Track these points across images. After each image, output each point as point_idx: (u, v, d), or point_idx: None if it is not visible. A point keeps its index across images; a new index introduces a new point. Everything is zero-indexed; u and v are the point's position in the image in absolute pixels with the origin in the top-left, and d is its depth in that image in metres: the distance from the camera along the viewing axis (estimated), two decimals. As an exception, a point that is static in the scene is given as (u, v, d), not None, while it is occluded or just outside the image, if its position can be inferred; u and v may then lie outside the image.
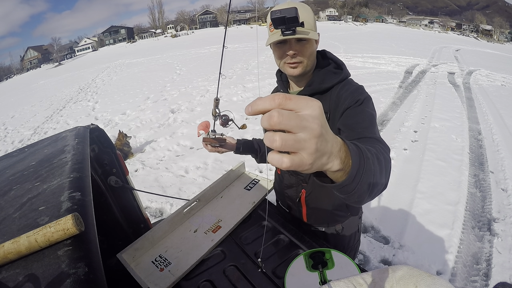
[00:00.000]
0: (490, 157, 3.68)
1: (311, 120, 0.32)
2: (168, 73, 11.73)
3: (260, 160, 1.27)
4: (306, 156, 0.32)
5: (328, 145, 0.36)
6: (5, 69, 60.13)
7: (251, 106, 0.32)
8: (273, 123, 0.30)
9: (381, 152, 0.58)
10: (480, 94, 6.81)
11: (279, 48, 0.88)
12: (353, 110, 0.81)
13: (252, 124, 4.93)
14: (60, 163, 0.77)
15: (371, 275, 0.50)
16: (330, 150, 0.36)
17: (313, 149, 0.32)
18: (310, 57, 0.89)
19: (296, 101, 0.31)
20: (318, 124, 0.32)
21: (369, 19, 66.05)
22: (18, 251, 0.43)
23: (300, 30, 0.80)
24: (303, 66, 0.89)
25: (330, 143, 0.37)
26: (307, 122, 0.31)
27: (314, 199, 1.05)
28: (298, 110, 0.32)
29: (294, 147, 0.31)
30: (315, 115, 0.32)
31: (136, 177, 3.55)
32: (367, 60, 10.82)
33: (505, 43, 42.72)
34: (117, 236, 1.27)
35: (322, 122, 0.33)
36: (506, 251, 2.14)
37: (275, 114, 0.30)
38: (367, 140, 0.71)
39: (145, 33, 67.58)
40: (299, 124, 0.31)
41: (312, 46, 0.88)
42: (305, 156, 0.32)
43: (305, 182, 1.04)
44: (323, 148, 0.34)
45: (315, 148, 0.33)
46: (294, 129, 0.31)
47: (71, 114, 7.70)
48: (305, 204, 1.08)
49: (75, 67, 25.36)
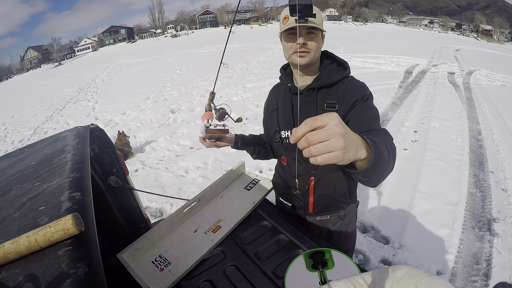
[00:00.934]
0: (490, 157, 3.68)
1: (334, 127, 0.45)
2: (168, 73, 11.73)
3: (257, 155, 1.28)
4: (339, 151, 0.45)
5: (353, 140, 0.49)
6: (5, 69, 60.09)
7: (293, 135, 0.47)
8: (310, 142, 0.45)
9: (388, 142, 0.70)
10: (480, 94, 6.81)
11: (290, 38, 0.95)
12: (362, 105, 0.93)
13: (252, 124, 4.93)
14: (60, 163, 0.77)
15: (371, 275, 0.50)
16: (356, 144, 0.50)
17: (342, 145, 0.45)
18: (317, 50, 0.96)
19: (320, 119, 0.45)
20: (341, 127, 0.45)
21: (369, 19, 66.04)
22: (18, 251, 0.43)
23: (312, 20, 0.88)
24: (310, 57, 0.95)
25: (354, 138, 0.51)
26: (331, 130, 0.45)
27: (321, 186, 1.09)
28: (324, 124, 0.45)
29: (327, 149, 0.45)
30: (336, 123, 0.45)
31: (136, 177, 3.55)
32: (367, 60, 10.82)
33: (505, 43, 42.71)
34: (117, 236, 1.27)
35: (343, 125, 0.46)
36: (506, 251, 2.14)
37: (309, 137, 0.45)
38: (375, 132, 0.83)
39: (145, 33, 67.56)
40: (326, 134, 0.44)
41: (319, 40, 0.95)
42: (338, 151, 0.45)
43: (314, 170, 1.06)
44: (350, 143, 0.47)
45: (344, 145, 0.45)
46: (323, 139, 0.45)
47: (71, 114, 7.70)
48: (313, 192, 1.10)
49: (75, 67, 25.37)
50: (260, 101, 6.18)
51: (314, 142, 0.45)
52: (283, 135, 1.10)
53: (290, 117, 1.07)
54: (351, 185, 1.12)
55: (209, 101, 1.07)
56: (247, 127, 4.82)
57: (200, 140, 1.07)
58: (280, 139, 1.12)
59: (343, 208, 1.15)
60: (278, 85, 1.18)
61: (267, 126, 1.24)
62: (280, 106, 1.12)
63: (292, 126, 1.06)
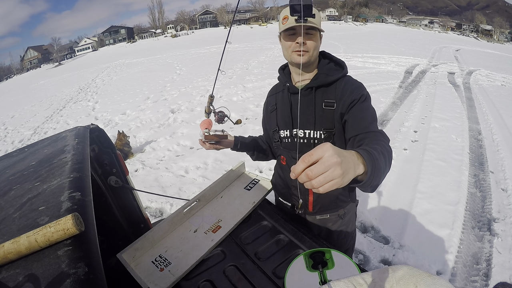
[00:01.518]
0: (490, 157, 3.68)
1: (330, 158, 0.48)
2: (168, 73, 11.73)
3: (256, 157, 1.31)
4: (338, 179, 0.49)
5: (350, 163, 0.52)
6: (5, 69, 60.07)
7: (293, 172, 0.50)
8: (310, 177, 0.48)
9: (385, 147, 0.73)
10: (480, 94, 6.81)
11: (289, 37, 0.97)
12: (360, 106, 0.94)
13: (252, 124, 4.93)
14: (60, 163, 0.77)
15: (371, 275, 0.50)
16: (353, 164, 0.54)
17: (340, 173, 0.48)
18: (315, 49, 0.98)
19: (315, 153, 0.49)
20: (336, 157, 0.48)
21: (369, 19, 66.00)
22: (18, 251, 0.43)
23: (311, 20, 0.91)
24: (309, 56, 0.97)
25: (350, 160, 0.53)
26: (328, 161, 0.48)
27: None
28: (319, 157, 0.48)
29: (326, 180, 0.48)
30: (331, 153, 0.48)
31: (136, 177, 3.55)
32: (367, 60, 10.82)
33: (505, 43, 42.70)
34: (117, 236, 1.27)
35: (337, 153, 0.49)
36: (506, 251, 2.14)
37: (308, 172, 0.48)
38: (373, 134, 0.85)
39: (145, 33, 67.54)
40: (324, 167, 0.48)
41: (318, 40, 0.98)
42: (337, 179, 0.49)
43: None
44: (347, 167, 0.51)
45: (342, 172, 0.49)
46: (321, 172, 0.48)
47: (71, 114, 7.70)
48: (313, 191, 1.09)
49: (75, 67, 25.37)
50: (260, 101, 6.18)
51: (314, 176, 0.48)
52: (282, 135, 1.11)
53: (289, 117, 1.07)
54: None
55: (208, 104, 1.08)
56: (247, 127, 4.81)
57: (200, 143, 1.10)
58: (279, 138, 1.13)
59: (342, 207, 1.15)
60: (276, 86, 1.20)
61: (266, 127, 1.25)
62: (279, 106, 1.13)
63: (291, 125, 1.07)
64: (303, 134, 1.04)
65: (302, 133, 1.04)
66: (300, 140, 1.06)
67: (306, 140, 1.04)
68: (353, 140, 0.90)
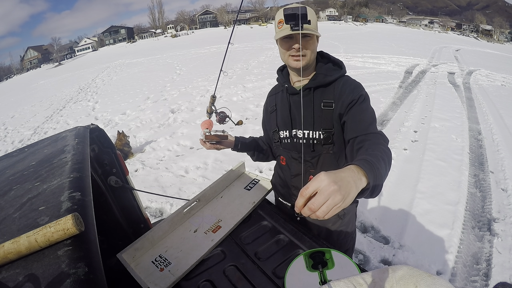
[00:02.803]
0: (490, 157, 3.68)
1: (327, 188, 0.50)
2: (168, 73, 11.73)
3: (257, 158, 1.31)
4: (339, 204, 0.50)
5: (349, 183, 0.53)
6: (5, 69, 60.07)
7: (296, 207, 0.52)
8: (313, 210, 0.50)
9: (384, 151, 0.73)
10: (480, 94, 6.81)
11: (286, 42, 0.96)
12: (359, 107, 0.94)
13: (252, 124, 4.93)
14: (60, 163, 0.77)
15: (371, 275, 0.50)
16: (353, 181, 0.54)
17: (340, 198, 0.50)
18: (312, 53, 0.98)
19: (311, 186, 0.51)
20: (333, 185, 0.50)
21: (369, 19, 66.00)
22: (18, 251, 0.43)
23: (306, 27, 0.89)
24: (306, 60, 0.97)
25: (350, 178, 0.54)
26: (326, 191, 0.49)
27: None
28: (316, 188, 0.50)
29: (329, 208, 0.50)
30: (326, 183, 0.50)
31: (136, 177, 3.55)
32: (367, 60, 10.82)
33: (505, 43, 42.70)
34: (117, 236, 1.27)
35: (333, 180, 0.51)
36: (506, 251, 2.14)
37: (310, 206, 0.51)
38: (372, 135, 0.85)
39: (145, 33, 67.51)
40: (323, 197, 0.50)
41: (314, 43, 0.98)
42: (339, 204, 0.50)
43: (313, 168, 1.07)
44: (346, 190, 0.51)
45: (342, 197, 0.50)
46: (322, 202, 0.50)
47: (71, 114, 7.70)
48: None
49: (75, 67, 25.36)
50: (260, 101, 6.18)
51: (317, 208, 0.50)
52: (282, 135, 1.11)
53: (288, 117, 1.08)
54: None
55: (210, 104, 1.08)
56: (247, 127, 4.81)
57: (201, 143, 1.10)
58: (279, 139, 1.13)
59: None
60: (276, 87, 1.20)
61: (266, 128, 1.25)
62: (278, 107, 1.13)
63: (290, 126, 1.07)
64: (302, 135, 1.04)
65: (301, 133, 1.04)
66: (299, 141, 1.06)
67: (306, 140, 1.04)
68: (353, 142, 0.90)
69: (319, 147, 1.03)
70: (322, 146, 1.02)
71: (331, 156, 1.04)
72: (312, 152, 1.04)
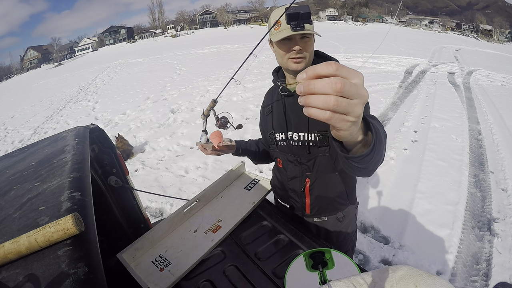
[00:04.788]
0: (490, 157, 3.68)
1: (362, 88, 0.36)
2: (168, 73, 11.73)
3: (258, 161, 1.30)
4: (352, 118, 0.38)
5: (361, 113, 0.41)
6: (5, 69, 60.08)
7: (307, 72, 0.36)
8: (337, 89, 0.34)
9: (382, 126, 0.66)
10: (480, 94, 6.81)
11: (285, 44, 0.93)
12: None
13: (252, 124, 4.93)
14: (60, 163, 0.77)
15: (371, 275, 0.50)
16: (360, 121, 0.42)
17: (359, 113, 0.37)
18: (311, 54, 0.97)
19: (348, 70, 0.36)
20: (367, 92, 0.37)
21: (369, 19, 66.00)
22: (18, 251, 0.43)
23: (307, 27, 0.87)
24: (306, 62, 0.95)
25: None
26: (360, 90, 0.36)
27: (317, 188, 1.08)
28: (349, 78, 0.36)
29: (346, 109, 0.36)
30: (362, 83, 0.37)
31: (136, 177, 3.55)
32: (367, 60, 10.81)
33: (505, 43, 42.69)
34: (117, 236, 1.27)
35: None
36: (506, 251, 2.14)
37: (339, 82, 0.34)
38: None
39: (145, 33, 67.47)
40: (356, 91, 0.35)
41: (313, 44, 0.96)
42: (352, 118, 0.38)
43: (309, 171, 1.06)
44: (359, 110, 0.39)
45: (360, 112, 0.38)
46: (352, 96, 0.35)
47: (71, 114, 7.70)
48: (309, 194, 1.10)
49: (75, 67, 25.36)
50: (260, 101, 6.10)
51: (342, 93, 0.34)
52: (278, 138, 1.10)
53: (283, 120, 1.06)
54: (348, 186, 1.11)
55: (209, 107, 1.07)
56: (247, 127, 4.81)
57: (201, 149, 1.08)
58: (275, 141, 1.12)
59: (341, 210, 1.13)
60: (272, 88, 1.19)
61: (263, 129, 1.24)
62: (274, 109, 1.12)
63: (285, 128, 1.06)
64: (297, 137, 1.03)
65: (296, 136, 1.03)
66: (294, 143, 1.04)
67: (301, 143, 1.03)
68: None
69: (315, 149, 1.01)
70: (318, 148, 1.01)
71: (328, 159, 1.02)
72: (308, 155, 1.03)
